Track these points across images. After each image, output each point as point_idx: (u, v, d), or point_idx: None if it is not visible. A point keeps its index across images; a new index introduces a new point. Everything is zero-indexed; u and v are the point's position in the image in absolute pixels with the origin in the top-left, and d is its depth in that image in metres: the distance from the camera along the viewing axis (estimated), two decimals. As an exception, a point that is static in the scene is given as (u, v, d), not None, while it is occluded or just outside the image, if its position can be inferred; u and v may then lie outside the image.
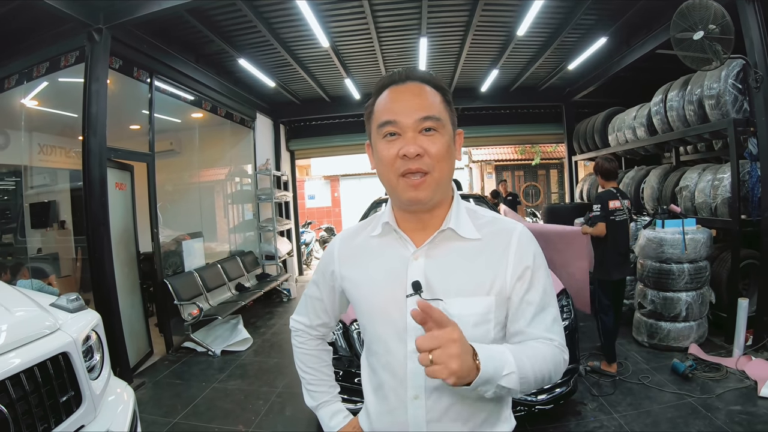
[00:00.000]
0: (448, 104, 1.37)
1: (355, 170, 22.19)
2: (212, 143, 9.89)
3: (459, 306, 1.32)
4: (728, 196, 5.70)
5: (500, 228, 1.39)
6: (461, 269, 1.35)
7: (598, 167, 5.36)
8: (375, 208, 6.69)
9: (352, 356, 3.82)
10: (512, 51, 8.29)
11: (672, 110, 6.66)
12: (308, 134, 12.84)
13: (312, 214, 21.52)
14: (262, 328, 7.70)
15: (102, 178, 5.46)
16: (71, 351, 2.54)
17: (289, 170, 12.50)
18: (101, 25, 5.33)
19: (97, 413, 2.70)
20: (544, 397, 3.79)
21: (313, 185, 23.20)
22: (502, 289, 1.34)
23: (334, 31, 7.14)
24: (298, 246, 12.81)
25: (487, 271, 1.34)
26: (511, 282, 1.34)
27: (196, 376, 5.72)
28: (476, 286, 1.34)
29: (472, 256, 1.36)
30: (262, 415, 4.62)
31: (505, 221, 1.42)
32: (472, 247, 1.37)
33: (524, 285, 1.34)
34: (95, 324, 3.00)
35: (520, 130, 12.90)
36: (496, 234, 1.38)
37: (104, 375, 2.95)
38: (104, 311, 5.30)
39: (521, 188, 21.77)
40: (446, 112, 1.35)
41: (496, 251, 1.36)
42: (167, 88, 7.14)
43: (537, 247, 1.40)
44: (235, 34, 6.98)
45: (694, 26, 4.97)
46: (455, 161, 1.39)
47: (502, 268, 1.34)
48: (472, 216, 1.41)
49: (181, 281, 6.90)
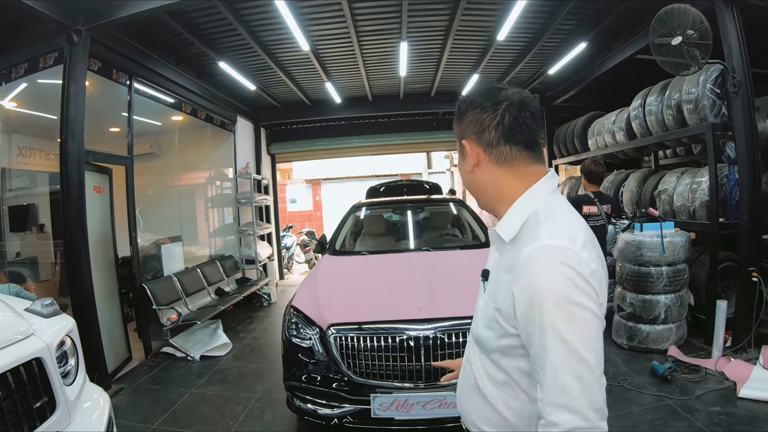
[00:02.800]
0: (455, 121, 1.53)
1: (336, 174, 22.19)
2: (192, 146, 9.83)
3: (483, 301, 1.50)
4: (706, 199, 5.75)
5: (525, 238, 1.34)
6: (495, 266, 1.48)
7: (584, 168, 5.44)
8: (354, 212, 6.70)
9: (329, 361, 3.78)
10: (493, 55, 8.33)
11: (651, 114, 6.71)
12: (289, 138, 12.81)
13: (293, 218, 21.46)
14: (242, 332, 7.65)
15: (80, 181, 5.39)
16: (45, 356, 2.52)
17: (269, 174, 12.45)
18: (80, 27, 5.26)
19: (72, 419, 2.67)
20: None
21: (295, 189, 23.10)
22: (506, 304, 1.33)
23: (315, 35, 7.12)
24: (279, 250, 12.75)
25: (502, 276, 1.39)
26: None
27: (175, 382, 5.66)
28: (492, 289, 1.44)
29: (503, 257, 1.44)
30: (240, 420, 4.59)
31: (534, 235, 1.31)
32: (506, 249, 1.42)
33: (521, 312, 1.29)
34: (70, 329, 2.97)
35: (501, 134, 12.89)
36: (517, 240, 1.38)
37: (79, 380, 2.92)
38: (81, 316, 5.30)
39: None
40: (457, 131, 1.52)
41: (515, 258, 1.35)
42: (147, 90, 7.07)
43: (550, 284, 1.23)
44: (215, 36, 6.94)
45: (672, 32, 5.02)
46: (468, 171, 1.49)
47: (513, 280, 1.32)
48: (530, 221, 1.36)
49: (160, 286, 6.83)
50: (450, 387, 3.58)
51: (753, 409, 4.20)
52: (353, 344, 3.70)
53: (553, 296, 1.18)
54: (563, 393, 1.17)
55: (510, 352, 1.35)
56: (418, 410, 3.55)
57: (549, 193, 1.39)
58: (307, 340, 3.90)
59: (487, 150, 1.41)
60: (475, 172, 1.46)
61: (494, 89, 1.43)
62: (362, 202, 7.09)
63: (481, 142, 1.42)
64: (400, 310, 3.86)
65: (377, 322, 3.78)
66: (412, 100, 11.42)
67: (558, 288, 1.18)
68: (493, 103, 1.39)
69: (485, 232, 5.86)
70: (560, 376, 1.17)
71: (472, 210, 6.71)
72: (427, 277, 4.53)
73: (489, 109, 1.40)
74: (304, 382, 3.85)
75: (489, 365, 1.43)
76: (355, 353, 3.69)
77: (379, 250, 5.73)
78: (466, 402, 1.54)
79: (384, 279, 4.70)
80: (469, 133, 1.44)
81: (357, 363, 3.69)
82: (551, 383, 1.18)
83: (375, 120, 12.45)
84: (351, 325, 3.80)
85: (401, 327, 3.68)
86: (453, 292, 4.12)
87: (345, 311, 4.00)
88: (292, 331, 4.02)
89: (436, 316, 3.73)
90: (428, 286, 4.32)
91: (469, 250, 5.55)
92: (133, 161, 6.62)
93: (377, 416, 3.60)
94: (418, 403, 3.55)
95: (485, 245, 5.59)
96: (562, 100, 10.60)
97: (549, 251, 1.22)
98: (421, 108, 11.84)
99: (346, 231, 6.33)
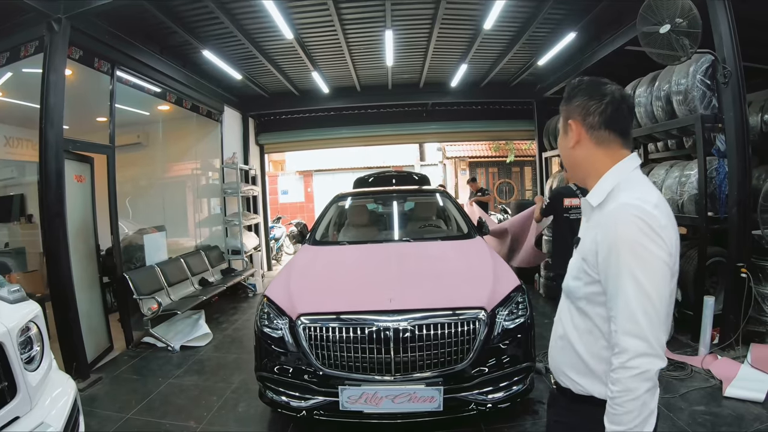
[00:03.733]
0: (564, 103, 1.77)
1: (328, 165, 22.16)
2: (178, 136, 9.78)
3: (573, 259, 1.76)
4: (695, 192, 5.67)
5: (610, 201, 1.63)
6: (585, 231, 1.74)
7: None
8: (336, 203, 6.66)
9: (299, 352, 3.73)
10: (480, 45, 8.29)
11: (640, 106, 6.62)
12: (278, 128, 12.75)
13: (285, 209, 21.45)
14: (225, 323, 7.62)
15: (58, 169, 5.34)
16: (5, 341, 2.51)
17: (258, 164, 12.39)
18: (60, 15, 5.20)
19: (34, 405, 2.66)
20: (501, 396, 3.74)
21: (287, 180, 23.08)
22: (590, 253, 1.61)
23: (298, 23, 7.06)
24: (267, 241, 12.73)
25: (589, 234, 1.66)
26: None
27: (154, 372, 5.64)
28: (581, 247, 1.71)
29: (592, 219, 1.71)
30: (214, 411, 4.57)
31: (616, 197, 1.60)
32: (593, 214, 1.71)
33: (601, 257, 1.56)
34: (35, 315, 2.95)
35: (491, 126, 12.96)
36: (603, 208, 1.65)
37: (44, 367, 2.90)
38: (60, 306, 5.31)
39: (495, 185, 21.90)
40: (560, 116, 1.80)
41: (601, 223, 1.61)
42: (130, 79, 6.99)
43: (625, 232, 1.51)
44: (198, 25, 6.88)
45: (661, 21, 4.93)
46: (570, 147, 1.75)
47: (597, 233, 1.60)
48: (614, 190, 1.63)
49: (142, 275, 6.79)
50: (420, 381, 3.56)
51: (738, 408, 4.12)
52: (322, 335, 3.66)
53: (627, 243, 1.46)
54: (633, 322, 1.43)
55: (594, 299, 1.61)
56: (388, 404, 3.51)
57: (632, 169, 1.66)
58: (278, 330, 3.86)
59: (589, 131, 1.69)
60: (576, 149, 1.73)
61: (600, 82, 1.70)
62: (344, 193, 7.04)
63: (584, 124, 1.69)
64: (370, 301, 3.82)
65: (346, 312, 3.74)
66: (400, 91, 11.37)
67: (631, 236, 1.46)
68: (600, 94, 1.66)
69: (468, 224, 5.85)
70: (630, 308, 1.44)
71: (457, 201, 6.69)
72: (402, 268, 4.48)
73: (596, 98, 1.66)
74: (275, 373, 3.81)
75: (575, 314, 1.70)
76: (324, 344, 3.65)
77: (358, 241, 5.70)
78: (556, 354, 1.81)
79: (359, 270, 4.66)
80: (575, 115, 1.71)
81: (326, 354, 3.65)
82: (623, 314, 1.45)
83: (364, 111, 12.38)
84: (320, 315, 3.76)
85: (370, 318, 3.64)
86: (428, 284, 4.09)
87: (315, 301, 3.95)
88: (264, 321, 3.98)
89: (407, 308, 3.69)
90: (402, 277, 4.27)
91: (450, 242, 5.53)
92: (115, 150, 6.53)
93: (345, 409, 3.56)
94: (387, 397, 3.50)
95: (467, 236, 5.58)
96: (553, 92, 10.55)
97: (626, 207, 1.51)
98: (410, 99, 11.80)
99: (326, 221, 6.27)
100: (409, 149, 22.78)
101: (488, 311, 3.77)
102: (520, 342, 3.85)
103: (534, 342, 4.03)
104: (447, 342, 3.60)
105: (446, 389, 3.55)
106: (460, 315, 3.69)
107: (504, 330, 3.79)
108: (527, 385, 3.91)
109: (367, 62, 9.24)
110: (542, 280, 8.47)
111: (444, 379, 3.57)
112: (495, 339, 3.74)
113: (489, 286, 4.02)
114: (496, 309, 3.83)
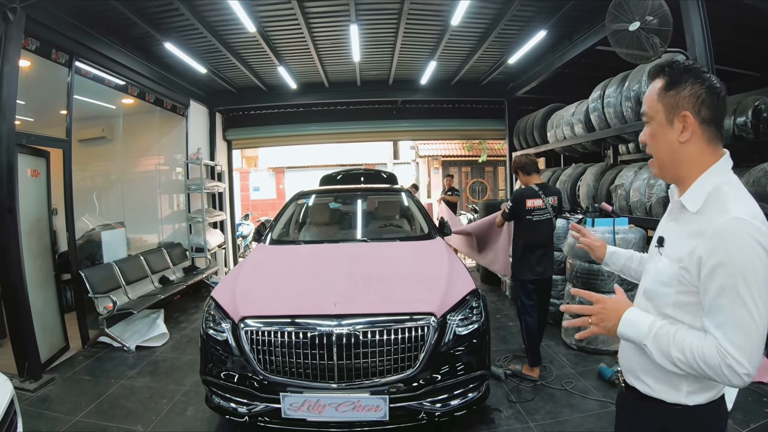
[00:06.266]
0: (668, 88, 1.57)
1: (301, 162, 22.05)
2: (142, 131, 9.53)
3: (662, 263, 1.63)
4: (664, 195, 5.57)
5: (714, 209, 1.49)
6: (674, 233, 1.65)
7: (516, 164, 5.26)
8: (296, 200, 6.56)
9: (243, 358, 3.60)
10: (449, 42, 8.24)
11: (609, 107, 6.58)
12: (247, 124, 12.55)
13: (256, 206, 21.30)
14: (184, 322, 7.46)
15: (9, 163, 5.18)
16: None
17: (225, 160, 12.19)
18: (16, 5, 5.02)
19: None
20: (454, 404, 3.64)
21: (259, 177, 22.91)
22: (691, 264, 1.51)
23: (261, 16, 6.93)
24: (233, 238, 12.53)
25: (688, 241, 1.53)
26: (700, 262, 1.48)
27: (107, 373, 5.50)
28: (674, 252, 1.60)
29: (685, 226, 1.58)
30: (163, 414, 4.46)
31: (723, 207, 1.47)
32: (689, 219, 1.57)
33: (706, 271, 1.45)
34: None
35: (462, 125, 12.95)
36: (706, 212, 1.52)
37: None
38: (11, 304, 5.18)
39: (468, 184, 21.93)
40: (658, 102, 1.60)
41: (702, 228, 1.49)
42: (90, 71, 6.81)
43: (734, 245, 1.42)
44: (159, 16, 6.70)
45: (632, 18, 4.85)
46: (681, 141, 1.55)
47: (700, 245, 1.47)
48: (713, 194, 1.51)
49: (98, 273, 6.61)
50: (364, 389, 3.44)
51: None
52: (264, 339, 3.54)
53: (740, 265, 1.37)
54: (739, 341, 1.37)
55: (686, 307, 1.54)
56: (331, 412, 3.40)
57: (729, 170, 1.54)
58: (223, 333, 3.73)
59: (702, 125, 1.51)
60: (686, 145, 1.55)
61: (701, 69, 1.54)
62: (305, 191, 6.92)
63: (698, 117, 1.51)
64: (314, 305, 3.72)
65: (288, 316, 3.63)
66: (370, 88, 11.29)
67: (747, 259, 1.37)
68: (710, 84, 1.49)
69: (429, 225, 5.77)
70: (738, 328, 1.37)
71: (419, 201, 6.60)
72: (353, 270, 4.34)
73: (709, 88, 1.49)
74: (221, 378, 3.68)
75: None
76: (266, 348, 3.53)
77: (315, 240, 5.61)
78: (632, 356, 1.73)
79: (309, 271, 4.53)
80: (687, 106, 1.51)
81: (269, 359, 3.53)
82: (730, 331, 1.38)
83: (333, 107, 12.26)
84: (262, 318, 3.64)
85: (313, 323, 3.53)
86: (377, 287, 3.97)
87: (258, 304, 3.84)
88: (209, 323, 3.85)
89: (352, 312, 3.59)
90: (352, 280, 4.13)
91: (409, 242, 5.46)
92: (71, 144, 6.36)
93: (288, 416, 3.46)
94: (330, 405, 3.40)
95: (427, 237, 5.50)
96: (525, 92, 10.55)
97: (741, 225, 1.39)
98: (379, 96, 11.74)
99: (284, 220, 6.15)
100: (382, 147, 22.75)
101: (438, 317, 3.65)
102: (474, 348, 3.75)
103: (488, 348, 3.92)
104: (394, 348, 3.48)
105: (393, 398, 3.44)
106: (407, 320, 3.57)
107: (456, 336, 3.67)
108: (482, 392, 3.83)
109: (334, 57, 9.12)
110: (508, 282, 8.40)
111: (390, 388, 3.46)
112: (446, 345, 3.62)
113: (441, 289, 3.90)
114: (447, 314, 3.71)
